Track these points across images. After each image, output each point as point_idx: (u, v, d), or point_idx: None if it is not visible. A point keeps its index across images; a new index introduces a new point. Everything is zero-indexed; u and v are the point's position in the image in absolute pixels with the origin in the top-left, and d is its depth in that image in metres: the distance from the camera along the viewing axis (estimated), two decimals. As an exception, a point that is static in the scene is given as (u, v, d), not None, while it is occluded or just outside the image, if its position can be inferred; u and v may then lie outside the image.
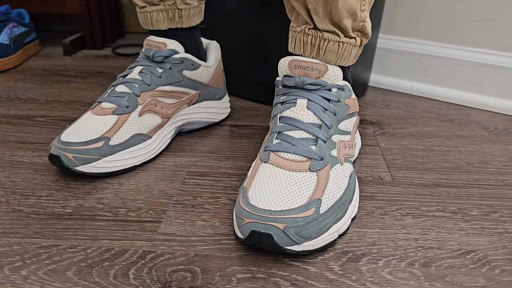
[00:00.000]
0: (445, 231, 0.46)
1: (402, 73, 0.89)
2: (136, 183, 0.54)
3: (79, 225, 0.46)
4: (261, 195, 0.42)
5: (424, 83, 0.87)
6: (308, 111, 0.49)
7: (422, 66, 0.86)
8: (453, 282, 0.39)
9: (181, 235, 0.45)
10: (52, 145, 0.54)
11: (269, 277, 0.39)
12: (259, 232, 0.39)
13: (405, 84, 0.88)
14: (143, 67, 0.61)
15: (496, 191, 0.54)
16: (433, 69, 0.85)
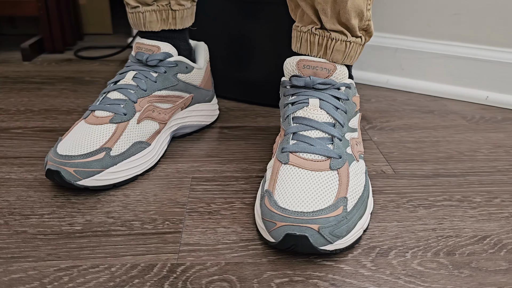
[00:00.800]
0: (458, 219, 0.48)
1: (378, 67, 0.91)
2: (142, 193, 0.52)
3: (94, 243, 0.44)
4: (289, 197, 0.42)
5: (399, 76, 0.90)
6: (321, 111, 0.49)
7: (397, 60, 0.89)
8: (479, 268, 0.41)
9: (206, 244, 0.44)
10: (48, 160, 0.50)
11: (307, 279, 0.39)
12: (294, 235, 0.39)
13: (380, 78, 0.91)
14: (136, 72, 0.58)
15: (491, 178, 0.57)
16: (408, 63, 0.88)
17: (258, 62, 0.78)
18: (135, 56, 0.59)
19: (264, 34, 0.75)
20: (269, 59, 0.77)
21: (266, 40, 0.76)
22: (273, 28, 0.74)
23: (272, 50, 0.76)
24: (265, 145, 0.65)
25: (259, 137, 0.68)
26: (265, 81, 0.79)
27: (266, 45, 0.76)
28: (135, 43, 0.60)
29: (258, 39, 0.76)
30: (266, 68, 0.78)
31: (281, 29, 0.73)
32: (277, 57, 0.76)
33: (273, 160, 0.48)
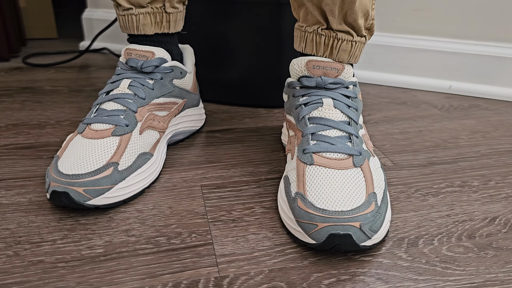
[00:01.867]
0: (465, 204, 0.52)
1: (346, 63, 0.94)
2: (156, 207, 0.50)
3: (124, 264, 0.41)
4: (325, 197, 0.42)
5: (368, 70, 0.94)
6: (336, 110, 0.50)
7: (366, 55, 0.93)
8: (500, 248, 0.44)
9: (242, 253, 0.43)
10: (51, 181, 0.46)
11: (353, 277, 0.40)
12: (338, 234, 0.39)
13: (350, 73, 0.94)
14: (131, 79, 0.55)
15: (479, 162, 0.61)
16: (376, 57, 0.92)
17: (236, 64, 0.77)
18: (127, 63, 0.56)
19: (242, 34, 0.75)
20: (248, 60, 0.76)
21: (244, 41, 0.75)
22: (251, 28, 0.74)
23: (251, 51, 0.76)
24: (262, 146, 0.65)
25: (253, 138, 0.67)
26: (245, 81, 0.78)
27: (244, 46, 0.76)
28: (125, 49, 0.57)
29: (236, 40, 0.76)
30: (245, 69, 0.77)
31: (260, 30, 0.73)
32: (256, 58, 0.76)
33: (294, 161, 0.48)
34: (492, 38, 0.85)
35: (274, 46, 0.75)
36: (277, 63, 0.76)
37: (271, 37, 0.74)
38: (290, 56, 0.75)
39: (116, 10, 0.57)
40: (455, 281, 0.40)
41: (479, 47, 0.85)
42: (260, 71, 0.77)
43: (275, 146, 0.65)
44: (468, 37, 0.86)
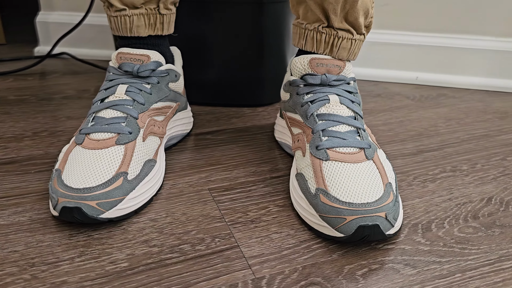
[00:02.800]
0: (461, 187, 0.55)
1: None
2: (169, 214, 0.48)
3: (154, 276, 0.40)
4: (348, 191, 0.43)
5: (338, 65, 0.96)
6: (342, 105, 0.51)
7: (335, 51, 0.95)
8: (503, 225, 0.48)
9: (270, 253, 0.43)
10: (60, 197, 0.44)
11: (383, 265, 0.42)
12: (367, 225, 0.41)
13: (322, 68, 0.97)
14: (127, 85, 0.53)
15: (462, 147, 0.66)
16: (345, 52, 0.95)
17: (219, 63, 0.77)
18: (121, 67, 0.54)
19: (223, 34, 0.74)
20: (230, 59, 0.76)
21: (226, 40, 0.75)
22: (232, 27, 0.74)
23: (233, 50, 0.75)
24: (257, 145, 0.65)
25: (246, 138, 0.67)
26: (227, 81, 0.78)
27: (226, 45, 0.75)
28: (116, 53, 0.55)
29: (217, 40, 0.75)
30: (227, 69, 0.77)
31: (241, 29, 0.73)
32: (238, 57, 0.75)
33: (308, 158, 0.49)
34: (453, 30, 0.90)
35: (256, 45, 0.75)
36: (259, 62, 0.76)
37: (253, 36, 0.74)
38: (272, 54, 0.76)
39: (107, 11, 0.54)
40: (474, 259, 0.42)
41: (442, 39, 0.91)
42: (243, 70, 0.77)
43: (270, 145, 0.65)
44: (432, 30, 0.91)
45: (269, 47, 0.75)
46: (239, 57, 0.76)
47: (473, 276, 0.40)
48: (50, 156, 0.60)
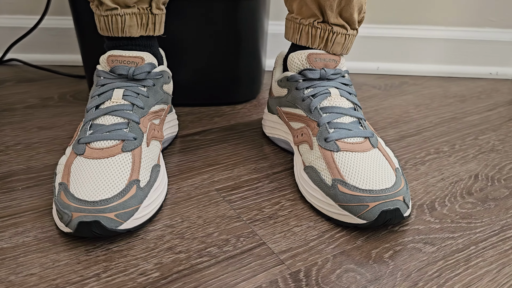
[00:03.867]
0: (449, 167, 0.59)
1: (283, 54, 0.98)
2: (184, 219, 0.47)
3: (192, 283, 0.39)
4: (365, 179, 0.45)
5: (303, 60, 0.99)
6: (342, 98, 0.53)
7: (299, 45, 0.97)
8: (495, 198, 0.52)
9: (298, 246, 0.44)
10: (74, 211, 0.41)
11: (405, 246, 0.44)
12: (389, 210, 0.43)
13: (288, 63, 0.98)
14: (123, 89, 0.51)
15: (437, 130, 0.70)
16: (309, 47, 0.97)
17: (194, 63, 0.75)
18: (114, 71, 0.51)
19: (196, 32, 0.73)
20: (205, 58, 0.75)
21: (200, 39, 0.74)
22: (206, 25, 0.73)
23: (208, 49, 0.74)
24: (248, 142, 0.65)
25: (235, 136, 0.67)
26: (204, 81, 0.77)
27: (200, 44, 0.74)
28: (107, 56, 0.52)
29: (191, 38, 0.74)
30: (203, 68, 0.76)
31: (215, 26, 0.73)
32: (214, 55, 0.75)
33: (317, 151, 0.50)
34: (408, 22, 0.96)
35: (231, 43, 0.75)
36: (235, 60, 0.76)
37: (228, 34, 0.74)
38: (247, 52, 0.76)
39: (96, 10, 0.51)
40: (481, 232, 0.46)
41: (399, 31, 0.96)
42: (218, 69, 0.76)
43: (261, 141, 0.66)
44: (389, 22, 0.96)
45: (244, 44, 0.75)
46: (214, 55, 0.75)
47: (485, 246, 0.44)
48: (34, 170, 0.56)
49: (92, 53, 0.76)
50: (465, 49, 0.96)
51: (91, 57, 0.76)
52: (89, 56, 0.77)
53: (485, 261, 0.42)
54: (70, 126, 0.69)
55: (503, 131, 0.71)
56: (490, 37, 0.96)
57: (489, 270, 0.41)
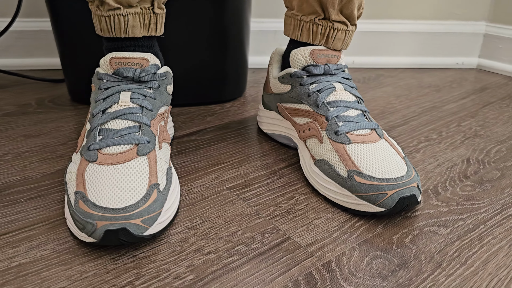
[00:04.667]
0: (441, 153, 0.63)
1: (260, 51, 0.99)
2: (204, 220, 0.47)
3: (229, 283, 0.39)
4: (381, 169, 0.47)
5: (281, 56, 1.00)
6: (346, 92, 0.54)
7: (277, 41, 0.99)
8: (489, 180, 0.56)
9: (322, 238, 0.45)
10: (98, 220, 0.40)
11: (422, 230, 0.46)
12: (407, 196, 0.45)
13: (266, 59, 0.99)
14: (129, 91, 0.50)
15: (422, 119, 0.74)
16: (286, 42, 0.99)
17: (181, 62, 0.75)
18: (118, 73, 0.50)
19: (182, 31, 0.72)
20: (192, 57, 0.74)
21: (187, 38, 0.73)
22: (192, 24, 0.72)
23: (194, 48, 0.74)
24: (247, 140, 0.65)
25: (232, 135, 0.67)
26: (191, 80, 0.76)
27: (187, 44, 0.73)
28: (109, 58, 0.50)
29: (178, 38, 0.73)
30: (190, 67, 0.75)
31: (201, 25, 0.72)
32: (200, 54, 0.74)
33: (328, 144, 0.51)
34: (380, 16, 1.00)
35: (217, 41, 0.74)
36: (222, 58, 0.76)
37: (214, 32, 0.74)
38: (233, 50, 0.76)
39: (97, 10, 0.49)
40: (486, 211, 0.50)
41: (372, 25, 0.99)
42: (204, 68, 0.76)
43: (259, 138, 0.66)
44: (363, 17, 0.99)
45: (230, 42, 0.75)
46: (200, 54, 0.74)
47: (492, 225, 0.47)
48: (32, 180, 0.54)
49: (71, 56, 0.73)
50: (433, 41, 1.01)
51: (71, 59, 0.74)
52: (68, 59, 0.74)
53: (496, 238, 0.45)
54: (58, 133, 0.66)
55: (480, 117, 0.75)
56: (455, 29, 1.01)
57: (501, 246, 0.44)
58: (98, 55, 0.71)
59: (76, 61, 0.74)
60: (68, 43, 0.73)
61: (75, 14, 0.70)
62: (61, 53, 0.75)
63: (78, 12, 0.69)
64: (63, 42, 0.73)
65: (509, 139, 0.68)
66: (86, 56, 0.72)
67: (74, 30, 0.71)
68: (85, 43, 0.71)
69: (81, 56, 0.73)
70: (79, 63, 0.73)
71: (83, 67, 0.73)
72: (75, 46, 0.72)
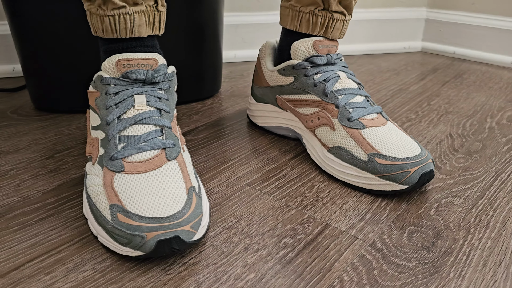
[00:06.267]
0: (425, 131, 0.68)
1: (225, 45, 0.98)
2: (239, 219, 0.47)
3: (291, 275, 0.39)
4: (399, 149, 0.50)
5: (243, 49, 1.00)
6: (349, 79, 0.57)
7: (239, 35, 0.99)
8: (475, 150, 0.62)
9: (358, 221, 0.46)
10: (148, 231, 0.38)
11: (440, 202, 0.50)
12: (427, 172, 0.48)
13: (229, 54, 0.99)
14: (143, 94, 0.47)
15: (396, 101, 0.79)
16: (248, 36, 0.99)
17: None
18: (128, 76, 0.47)
19: (164, 29, 0.70)
20: (171, 58, 0.72)
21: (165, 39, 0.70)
22: (168, 23, 0.70)
23: (172, 48, 0.72)
24: (243, 135, 0.65)
25: (226, 131, 0.66)
26: (171, 79, 0.74)
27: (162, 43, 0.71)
28: (115, 60, 0.47)
29: (156, 36, 0.70)
30: (172, 65, 0.73)
31: (177, 24, 0.70)
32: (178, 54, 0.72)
33: (342, 131, 0.53)
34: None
35: (194, 39, 0.73)
36: (199, 56, 0.75)
37: (190, 28, 0.72)
38: (210, 46, 0.75)
39: (99, 10, 0.46)
40: (485, 179, 0.55)
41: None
42: (184, 66, 0.74)
43: (255, 131, 0.66)
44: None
45: (206, 40, 0.74)
46: (177, 55, 0.72)
47: (495, 190, 0.52)
48: (34, 200, 0.49)
49: (34, 61, 0.67)
50: (382, 28, 1.08)
51: (34, 65, 0.68)
52: (31, 65, 0.68)
53: (503, 201, 0.50)
54: (38, 146, 0.61)
55: (444, 96, 0.82)
56: (400, 16, 1.09)
57: (510, 208, 0.49)
58: (64, 59, 0.66)
59: (40, 66, 0.68)
60: (30, 47, 0.66)
61: (37, 16, 0.64)
62: (23, 58, 0.68)
63: (40, 13, 0.64)
64: (23, 47, 0.67)
65: (475, 113, 0.75)
66: (51, 61, 0.67)
67: (36, 33, 0.65)
68: (49, 47, 0.66)
69: (45, 61, 0.67)
70: (44, 68, 0.68)
71: (48, 72, 0.68)
72: (37, 51, 0.66)
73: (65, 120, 0.69)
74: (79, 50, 0.67)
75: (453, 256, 0.42)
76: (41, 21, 0.64)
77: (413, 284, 0.38)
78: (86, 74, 0.68)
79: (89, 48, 0.66)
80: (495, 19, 1.01)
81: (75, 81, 0.68)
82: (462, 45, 1.06)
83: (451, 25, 1.07)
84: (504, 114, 0.74)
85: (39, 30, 0.65)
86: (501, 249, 0.43)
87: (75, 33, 0.65)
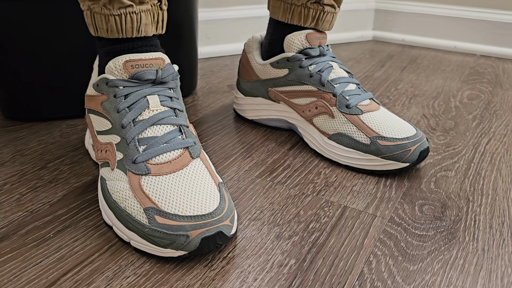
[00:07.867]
0: (402, 114, 0.73)
1: (188, 43, 0.98)
2: (261, 210, 0.48)
3: (330, 256, 0.41)
4: (398, 130, 0.53)
5: (208, 45, 1.00)
6: (340, 69, 0.60)
7: (202, 31, 0.98)
8: (450, 128, 0.68)
9: (371, 201, 0.50)
10: (191, 230, 0.38)
11: (436, 176, 0.55)
12: (425, 149, 0.53)
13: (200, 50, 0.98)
14: (155, 95, 0.47)
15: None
16: (212, 32, 0.99)
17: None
18: (138, 77, 0.46)
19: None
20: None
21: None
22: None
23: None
24: (235, 129, 0.66)
25: (218, 127, 0.67)
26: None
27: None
28: (123, 61, 0.46)
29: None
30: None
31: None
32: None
33: (342, 117, 0.55)
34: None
35: (171, 38, 0.72)
36: (177, 54, 0.74)
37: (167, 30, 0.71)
38: (186, 44, 0.75)
39: (103, 9, 0.44)
40: (466, 152, 0.60)
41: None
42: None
43: (246, 125, 0.67)
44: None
45: (183, 38, 0.74)
46: (161, 50, 0.71)
47: (478, 161, 0.58)
48: (43, 213, 0.47)
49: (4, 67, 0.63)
50: (338, 18, 1.13)
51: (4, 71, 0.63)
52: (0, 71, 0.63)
53: (487, 170, 0.56)
54: (25, 157, 0.57)
55: (407, 80, 0.89)
56: (353, 7, 1.14)
57: (495, 176, 0.55)
58: (37, 63, 0.63)
59: (11, 72, 0.64)
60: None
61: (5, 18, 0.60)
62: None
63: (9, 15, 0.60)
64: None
65: (439, 94, 0.82)
66: (23, 66, 0.63)
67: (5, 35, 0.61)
68: (22, 52, 0.62)
69: (16, 67, 0.63)
70: (15, 74, 0.63)
71: (20, 79, 0.64)
72: (7, 55, 0.62)
73: (43, 129, 0.65)
74: (57, 53, 0.63)
75: (463, 223, 0.46)
76: (10, 23, 0.60)
77: (437, 251, 0.42)
78: (63, 79, 0.64)
79: (68, 51, 0.63)
80: (439, 7, 1.09)
81: (53, 86, 0.65)
82: (410, 32, 1.14)
83: (399, 14, 1.14)
84: (464, 93, 0.82)
85: (8, 33, 0.61)
86: (500, 212, 0.48)
87: (50, 37, 0.62)
